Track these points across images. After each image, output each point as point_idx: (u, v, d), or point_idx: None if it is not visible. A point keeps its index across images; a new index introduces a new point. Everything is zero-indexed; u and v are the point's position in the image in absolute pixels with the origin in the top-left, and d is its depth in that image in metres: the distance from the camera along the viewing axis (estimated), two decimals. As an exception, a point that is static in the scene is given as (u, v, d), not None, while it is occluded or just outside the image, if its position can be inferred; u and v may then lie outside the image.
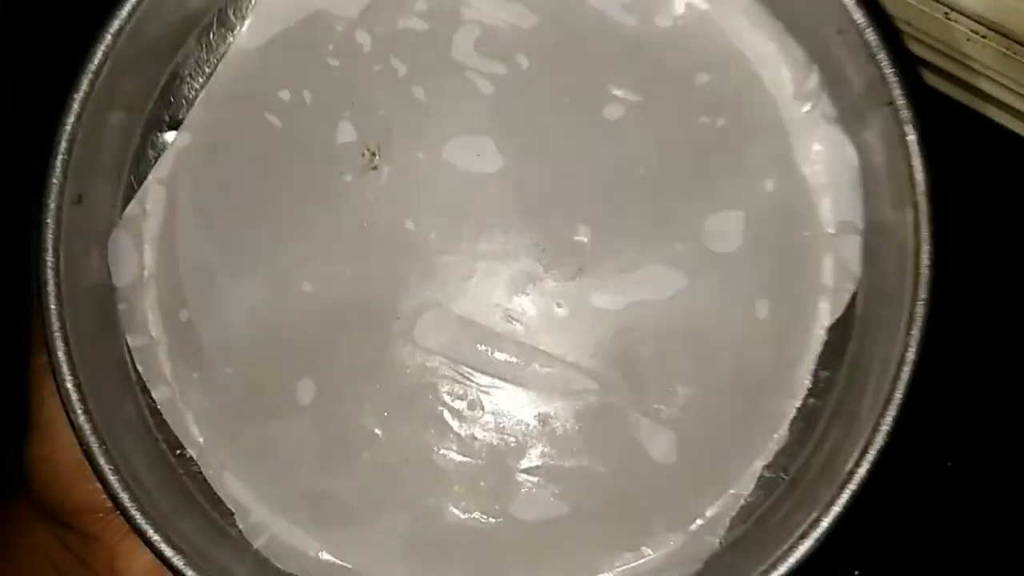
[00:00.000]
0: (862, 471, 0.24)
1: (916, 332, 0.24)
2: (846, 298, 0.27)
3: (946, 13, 0.31)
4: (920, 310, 0.24)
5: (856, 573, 0.38)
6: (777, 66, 0.27)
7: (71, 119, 0.25)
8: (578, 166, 0.28)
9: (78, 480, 0.27)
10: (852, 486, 0.24)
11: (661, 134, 0.28)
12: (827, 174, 0.27)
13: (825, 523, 0.24)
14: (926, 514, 0.38)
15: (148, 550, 0.25)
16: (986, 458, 0.38)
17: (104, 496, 0.26)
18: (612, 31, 0.28)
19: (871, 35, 0.25)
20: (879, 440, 0.24)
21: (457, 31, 0.28)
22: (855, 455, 0.24)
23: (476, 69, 0.28)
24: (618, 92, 0.28)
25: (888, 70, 0.24)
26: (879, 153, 0.26)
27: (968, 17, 0.31)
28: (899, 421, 0.24)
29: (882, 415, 0.24)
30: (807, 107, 0.27)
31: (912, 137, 0.25)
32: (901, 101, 0.25)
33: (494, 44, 0.28)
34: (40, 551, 0.29)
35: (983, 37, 0.31)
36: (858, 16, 0.25)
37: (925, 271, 0.25)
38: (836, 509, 0.24)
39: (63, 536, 0.29)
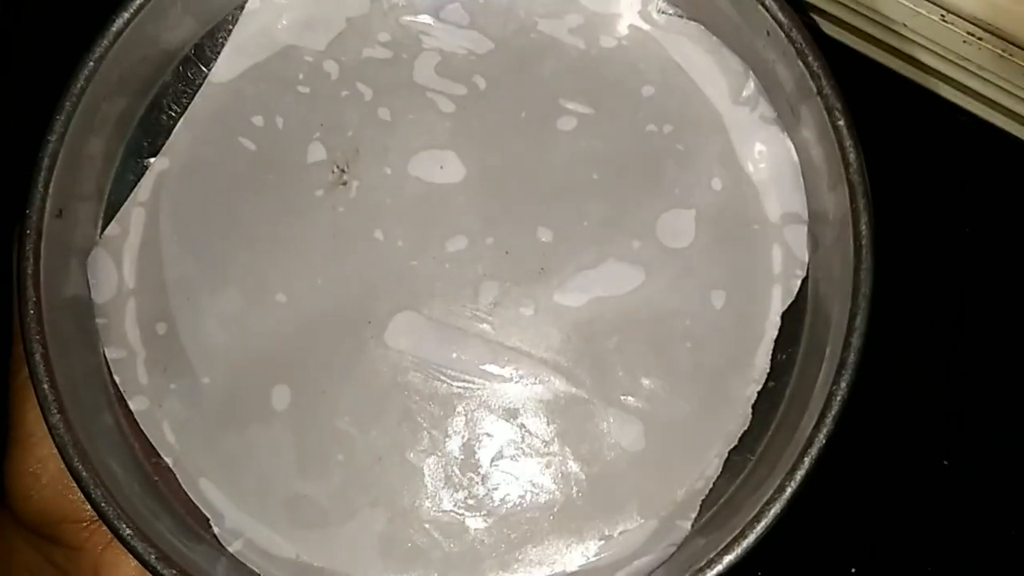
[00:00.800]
0: (821, 435, 0.25)
1: (862, 300, 0.25)
2: (796, 284, 0.28)
3: (942, 15, 0.31)
4: (864, 276, 0.25)
5: (853, 571, 0.38)
6: (715, 76, 0.30)
7: (53, 137, 0.27)
8: (536, 174, 0.29)
9: (59, 491, 0.28)
10: (813, 451, 0.25)
11: (612, 142, 0.29)
12: (769, 170, 0.29)
13: (790, 488, 0.25)
14: (922, 512, 0.38)
15: (132, 559, 0.26)
16: (982, 456, 0.38)
17: (86, 506, 0.26)
18: (562, 52, 0.30)
19: (795, 34, 0.27)
20: (836, 405, 0.25)
21: (418, 57, 0.30)
22: (814, 420, 0.25)
23: (437, 90, 0.30)
24: (570, 106, 0.30)
25: (814, 63, 0.27)
26: (815, 145, 0.28)
27: (965, 19, 0.31)
28: (853, 386, 0.25)
29: (836, 381, 0.25)
30: (746, 111, 0.29)
31: (841, 122, 0.26)
32: (828, 91, 0.27)
33: (453, 68, 0.30)
34: (22, 566, 0.30)
35: (979, 39, 0.32)
36: (781, 17, 0.27)
37: (865, 243, 0.26)
38: (800, 473, 0.25)
39: (45, 550, 0.29)
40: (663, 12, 0.30)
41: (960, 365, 0.39)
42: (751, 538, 0.25)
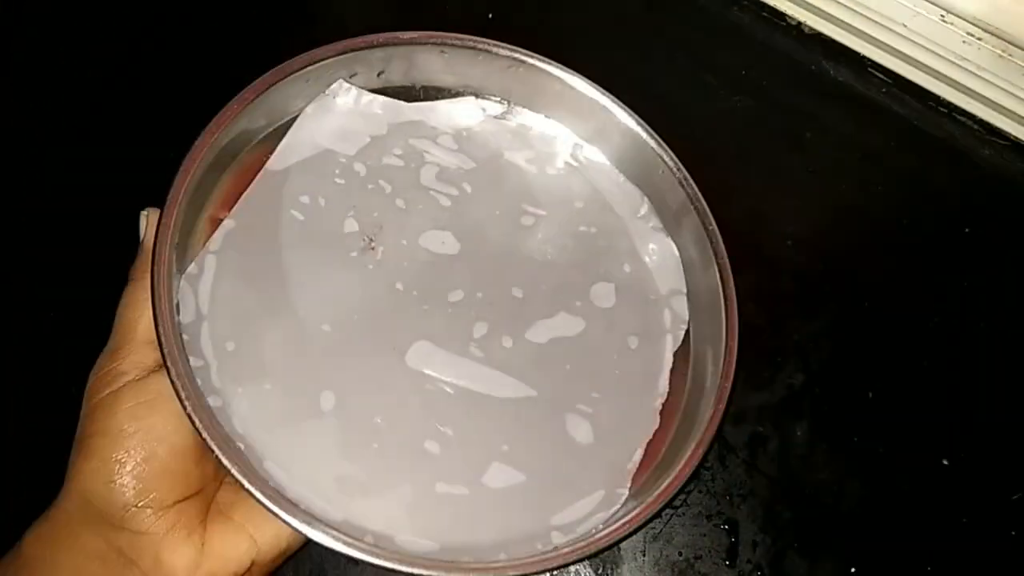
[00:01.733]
0: (713, 429, 0.38)
1: (728, 340, 0.39)
2: (681, 334, 0.42)
3: (942, 15, 0.32)
4: (730, 323, 0.39)
5: (853, 571, 0.40)
6: (620, 198, 0.44)
7: (173, 197, 0.35)
8: (509, 252, 0.42)
9: (137, 476, 0.33)
10: (707, 438, 0.38)
11: (558, 235, 0.43)
12: (659, 261, 0.43)
13: (690, 468, 0.37)
14: (922, 512, 0.40)
15: (190, 546, 0.32)
16: (982, 457, 0.40)
17: (153, 493, 0.32)
18: (522, 173, 0.44)
19: (679, 172, 0.42)
20: (719, 413, 0.38)
21: (423, 167, 0.42)
22: (706, 420, 0.38)
23: (437, 190, 0.42)
24: (529, 209, 0.43)
25: (689, 190, 0.41)
26: (693, 244, 0.42)
27: (964, 20, 0.32)
28: (730, 394, 0.38)
29: (719, 397, 0.38)
30: (642, 222, 0.44)
31: (712, 227, 0.41)
32: (702, 208, 0.41)
33: (448, 176, 0.42)
34: (86, 554, 0.33)
35: (979, 39, 0.32)
36: (667, 159, 0.42)
37: (730, 303, 0.40)
38: (701, 450, 0.37)
39: (110, 536, 0.33)
40: (586, 156, 0.44)
41: (960, 365, 0.41)
42: (668, 495, 0.37)
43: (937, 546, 0.40)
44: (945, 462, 0.40)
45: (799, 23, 0.49)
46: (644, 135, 0.42)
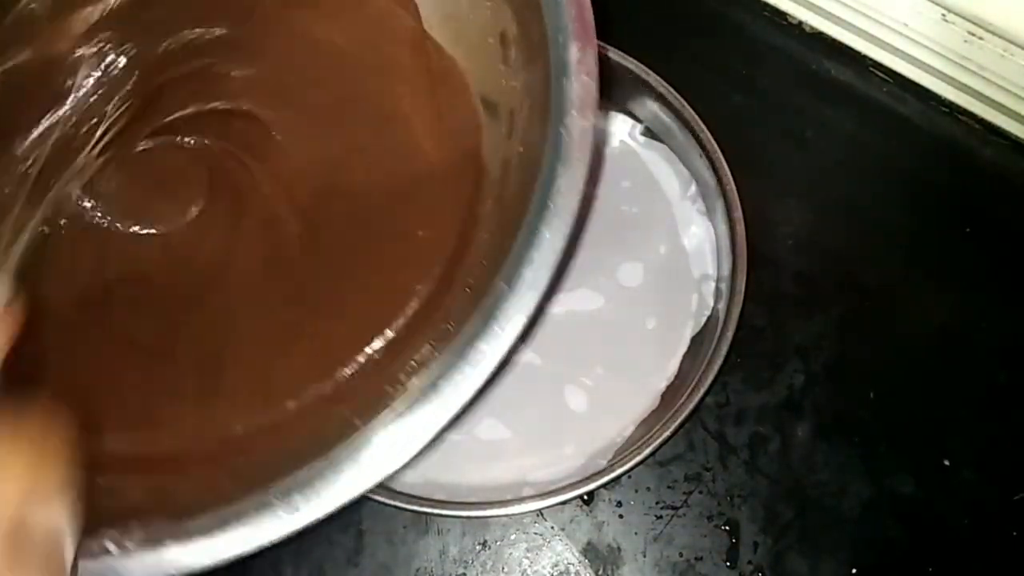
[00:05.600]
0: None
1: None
2: (703, 320, 0.41)
3: (944, 15, 0.31)
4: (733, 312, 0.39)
5: (854, 572, 0.40)
6: (671, 179, 0.44)
7: None
8: None
9: None
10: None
11: (598, 214, 0.42)
12: (697, 245, 0.43)
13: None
14: (922, 512, 0.41)
15: None
16: (982, 456, 0.41)
17: None
18: None
19: (715, 156, 0.41)
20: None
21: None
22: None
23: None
24: None
25: (723, 175, 0.41)
26: (724, 233, 0.42)
27: (966, 19, 0.32)
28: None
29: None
30: (688, 203, 0.43)
31: (737, 214, 0.40)
32: (730, 194, 0.41)
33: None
34: None
35: (980, 39, 0.32)
36: (708, 145, 0.41)
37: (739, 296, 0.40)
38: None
39: None
40: (642, 135, 0.44)
41: (960, 365, 0.42)
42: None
43: (937, 546, 0.40)
44: (945, 462, 0.40)
45: (800, 22, 0.49)
46: (694, 120, 0.42)
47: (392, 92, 0.32)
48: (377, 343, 0.29)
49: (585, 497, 0.41)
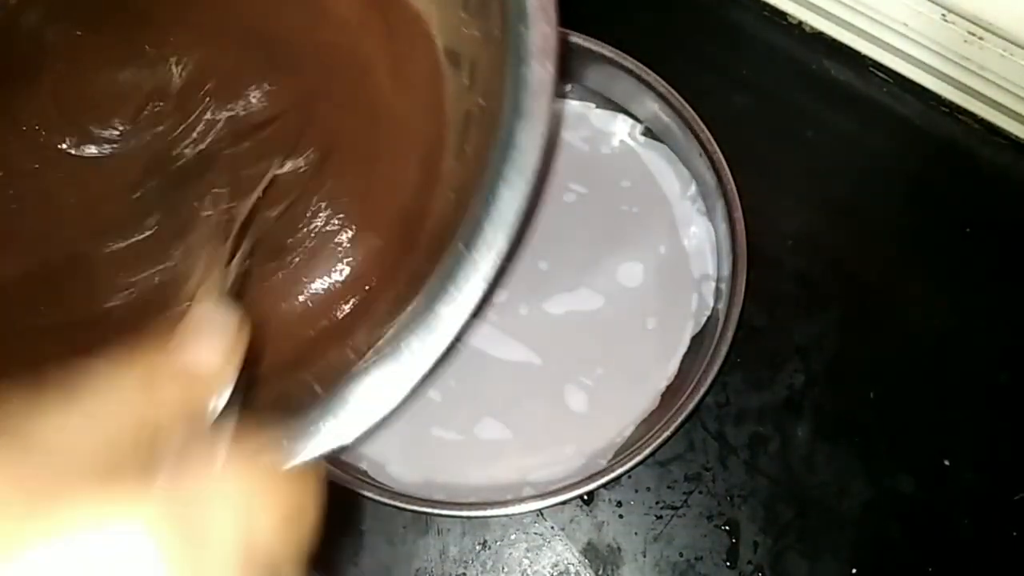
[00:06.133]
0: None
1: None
2: (703, 320, 0.41)
3: (944, 14, 0.31)
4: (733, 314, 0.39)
5: (854, 572, 0.41)
6: (671, 179, 0.44)
7: None
8: (545, 226, 0.41)
9: None
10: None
11: (597, 213, 0.42)
12: (697, 245, 0.43)
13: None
14: (922, 512, 0.40)
15: None
16: (981, 456, 0.41)
17: None
18: (573, 151, 0.43)
19: (715, 156, 0.41)
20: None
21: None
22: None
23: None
24: (573, 186, 0.42)
25: (723, 175, 0.41)
26: (724, 233, 0.41)
27: (966, 19, 0.31)
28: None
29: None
30: (688, 203, 0.43)
31: (737, 215, 0.40)
32: (730, 195, 0.41)
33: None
34: None
35: (980, 39, 0.32)
36: (708, 146, 0.41)
37: (739, 295, 0.40)
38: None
39: None
40: (642, 135, 0.44)
41: (960, 365, 0.42)
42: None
43: (937, 546, 0.40)
44: (945, 462, 0.40)
45: (800, 22, 0.49)
46: (694, 120, 0.42)
47: (354, 41, 0.31)
48: (341, 306, 0.29)
49: (585, 497, 0.41)
